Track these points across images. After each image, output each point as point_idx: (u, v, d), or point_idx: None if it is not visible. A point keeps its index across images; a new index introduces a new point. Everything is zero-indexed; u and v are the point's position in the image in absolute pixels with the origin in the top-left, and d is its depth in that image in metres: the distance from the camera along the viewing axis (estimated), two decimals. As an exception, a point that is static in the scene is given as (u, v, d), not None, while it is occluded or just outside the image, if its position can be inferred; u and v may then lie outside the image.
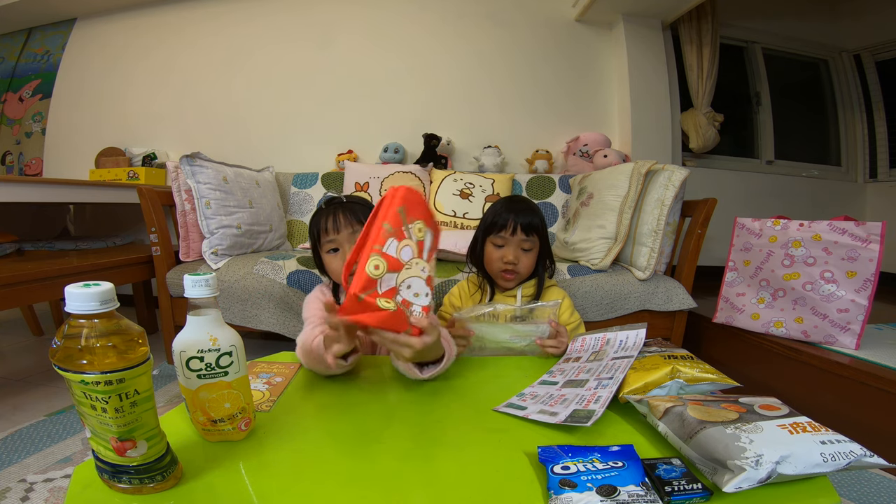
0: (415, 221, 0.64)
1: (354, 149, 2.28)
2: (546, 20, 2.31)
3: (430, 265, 0.66)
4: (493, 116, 2.32)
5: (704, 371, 0.60)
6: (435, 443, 0.54)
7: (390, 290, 0.61)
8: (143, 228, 2.24)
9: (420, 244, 0.65)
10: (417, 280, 0.63)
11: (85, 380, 0.36)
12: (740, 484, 0.40)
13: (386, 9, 2.32)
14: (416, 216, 0.65)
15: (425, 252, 0.66)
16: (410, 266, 0.63)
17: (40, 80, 2.62)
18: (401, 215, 0.63)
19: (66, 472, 0.94)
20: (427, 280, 0.64)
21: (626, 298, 1.43)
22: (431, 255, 0.67)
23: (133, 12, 2.49)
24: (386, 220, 0.62)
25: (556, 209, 1.91)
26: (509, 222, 0.97)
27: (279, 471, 0.47)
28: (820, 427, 0.45)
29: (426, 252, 0.66)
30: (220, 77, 2.40)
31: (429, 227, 0.66)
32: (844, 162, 2.84)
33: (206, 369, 0.47)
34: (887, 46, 2.67)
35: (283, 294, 1.39)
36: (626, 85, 2.24)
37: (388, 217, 0.62)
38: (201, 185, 1.47)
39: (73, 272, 1.38)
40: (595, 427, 0.52)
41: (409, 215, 0.64)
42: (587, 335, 0.81)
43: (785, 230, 1.32)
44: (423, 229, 0.65)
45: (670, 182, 1.41)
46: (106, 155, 2.35)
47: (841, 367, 1.15)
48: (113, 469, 0.40)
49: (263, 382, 0.68)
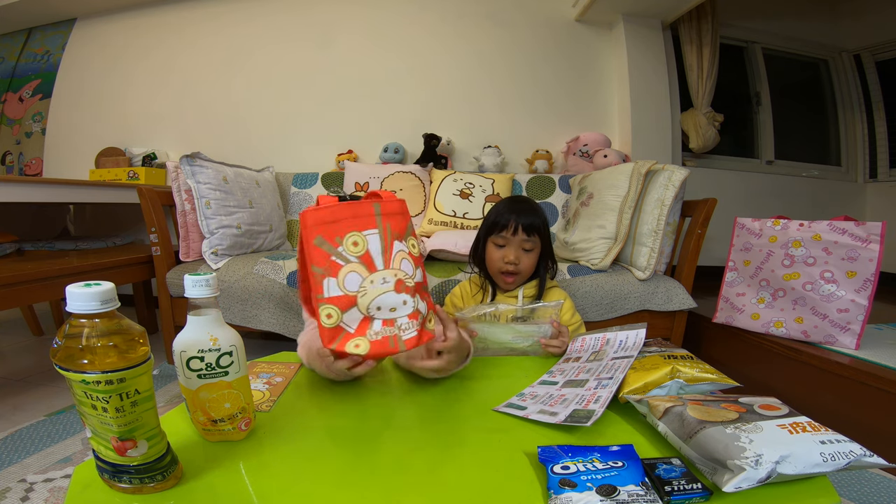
0: (345, 236, 0.56)
1: (354, 149, 2.28)
2: (546, 20, 2.31)
3: (393, 269, 0.58)
4: (493, 116, 2.32)
5: (704, 371, 0.60)
6: (435, 443, 0.54)
7: (363, 322, 0.56)
8: (143, 228, 2.24)
9: (365, 256, 0.57)
10: (385, 296, 0.57)
11: (86, 379, 0.36)
12: (740, 484, 0.40)
13: (386, 9, 2.32)
14: (342, 231, 0.56)
15: (378, 258, 0.57)
16: (365, 290, 0.56)
17: (40, 80, 2.62)
18: (322, 247, 0.56)
19: (66, 472, 0.94)
20: (396, 286, 0.57)
21: (626, 298, 1.43)
22: (389, 255, 0.58)
23: (133, 12, 2.49)
24: (312, 262, 0.56)
25: (556, 209, 1.91)
26: (511, 222, 0.97)
27: (279, 471, 0.47)
28: (820, 427, 0.45)
29: (379, 256, 0.57)
30: (220, 77, 2.40)
31: (367, 228, 0.57)
32: (844, 162, 2.84)
33: (206, 369, 0.47)
34: (887, 46, 2.67)
35: (283, 294, 1.39)
36: (626, 85, 2.24)
37: (312, 257, 0.56)
38: (201, 185, 1.47)
39: (73, 272, 1.38)
40: (595, 427, 0.52)
41: (331, 238, 0.56)
42: (587, 335, 0.81)
43: (785, 230, 1.32)
44: (360, 240, 0.57)
45: (670, 182, 1.41)
46: (106, 155, 2.35)
47: (841, 367, 1.15)
48: (113, 469, 0.40)
49: (263, 382, 0.68)
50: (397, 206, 0.61)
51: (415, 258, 0.61)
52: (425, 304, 0.61)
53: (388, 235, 0.58)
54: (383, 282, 0.57)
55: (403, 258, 0.59)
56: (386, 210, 0.59)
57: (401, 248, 0.59)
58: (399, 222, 0.60)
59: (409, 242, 0.61)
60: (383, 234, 0.58)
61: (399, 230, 0.60)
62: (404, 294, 0.57)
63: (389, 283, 0.57)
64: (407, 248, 0.60)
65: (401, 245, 0.60)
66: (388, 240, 0.58)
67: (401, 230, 0.60)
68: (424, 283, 0.63)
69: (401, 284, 0.57)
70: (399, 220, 0.60)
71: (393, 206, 0.61)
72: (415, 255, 0.61)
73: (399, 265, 0.58)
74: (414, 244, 0.62)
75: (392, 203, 0.61)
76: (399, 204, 0.62)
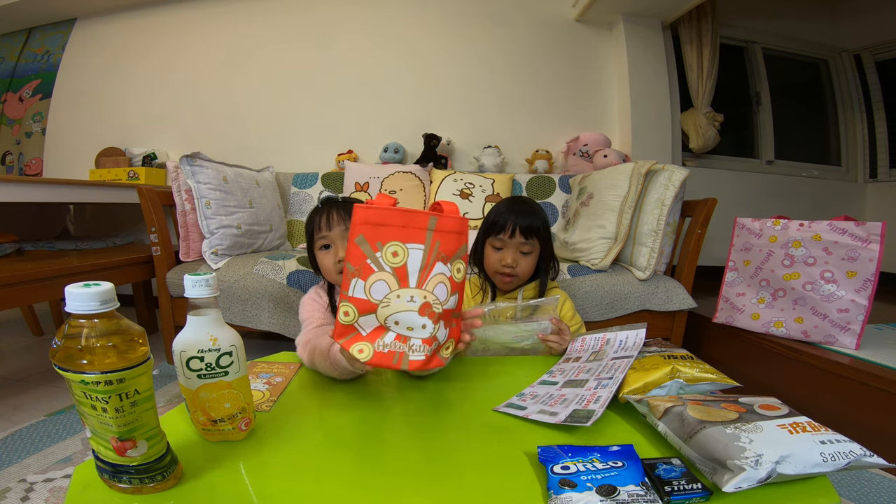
0: (387, 244, 0.54)
1: (354, 149, 2.28)
2: (546, 20, 2.31)
3: (424, 291, 0.55)
4: (493, 116, 2.32)
5: (704, 371, 0.60)
6: (435, 443, 0.54)
7: (376, 330, 0.56)
8: (143, 228, 2.24)
9: (401, 269, 0.55)
10: (407, 314, 0.55)
11: (85, 380, 0.36)
12: (740, 484, 0.40)
13: (386, 9, 2.32)
14: (386, 238, 0.54)
15: (414, 275, 0.55)
16: (389, 302, 0.54)
17: (40, 80, 2.62)
18: (361, 247, 0.54)
19: (66, 472, 0.94)
20: (421, 308, 0.55)
21: (626, 298, 1.43)
22: (427, 275, 0.56)
23: (133, 12, 2.49)
24: (348, 258, 0.55)
25: (556, 209, 1.91)
26: (508, 224, 0.96)
27: (279, 471, 0.47)
28: (820, 427, 0.45)
29: (415, 274, 0.55)
30: (220, 77, 2.40)
31: (413, 241, 0.55)
32: (844, 162, 2.84)
33: (206, 369, 0.47)
34: (887, 46, 2.67)
35: (283, 294, 1.39)
36: (626, 85, 2.24)
37: (350, 253, 0.55)
38: (201, 185, 1.47)
39: (73, 272, 1.38)
40: (595, 427, 0.52)
41: (373, 241, 0.54)
42: (587, 335, 0.81)
43: (785, 230, 1.32)
44: (401, 251, 0.55)
45: (670, 182, 1.41)
46: (106, 155, 2.35)
47: (841, 367, 1.15)
48: (113, 469, 0.40)
49: (263, 382, 0.68)
50: (456, 225, 0.58)
51: (454, 284, 0.58)
52: (447, 333, 0.59)
53: (432, 254, 0.56)
54: (410, 300, 0.55)
55: (441, 282, 0.56)
56: (441, 227, 0.56)
57: (441, 271, 0.57)
58: (451, 242, 0.57)
59: (454, 266, 0.58)
60: (428, 252, 0.56)
61: (448, 251, 0.57)
62: (426, 318, 0.55)
63: (415, 304, 0.55)
64: (449, 273, 0.57)
65: (443, 268, 0.57)
66: (432, 259, 0.56)
67: (450, 251, 0.57)
68: (458, 309, 0.61)
69: (427, 308, 0.55)
70: (452, 240, 0.57)
71: (452, 223, 0.57)
72: (456, 280, 0.58)
73: (433, 288, 0.56)
74: (460, 268, 0.59)
75: (452, 220, 0.57)
76: (459, 223, 0.58)
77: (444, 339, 0.59)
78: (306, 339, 0.75)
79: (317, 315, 0.84)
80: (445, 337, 0.59)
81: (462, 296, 0.61)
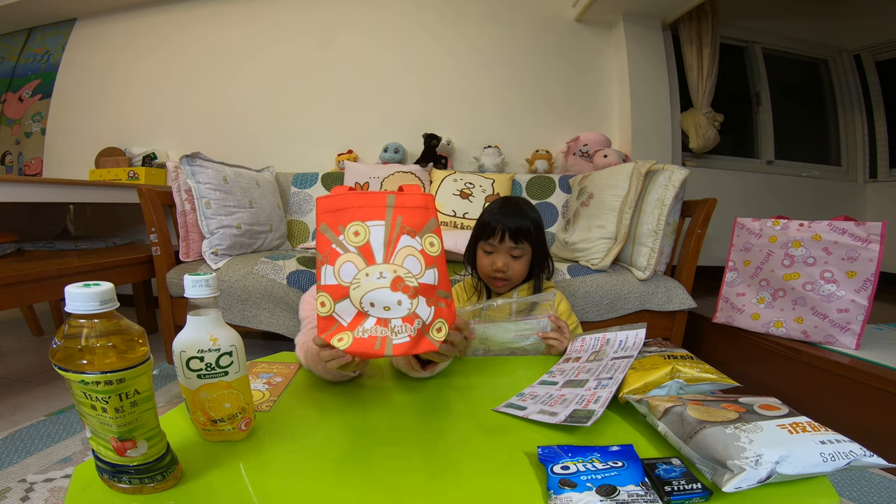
0: (348, 225, 0.54)
1: (354, 149, 2.28)
2: (546, 20, 2.31)
3: (393, 265, 0.54)
4: (493, 116, 2.32)
5: (704, 371, 0.60)
6: (435, 442, 0.54)
7: (356, 318, 0.54)
8: (143, 228, 2.24)
9: (364, 247, 0.54)
10: (379, 292, 0.53)
11: (85, 380, 0.36)
12: (740, 484, 0.40)
13: (386, 9, 2.32)
14: (346, 220, 0.55)
15: (379, 251, 0.54)
16: (359, 282, 0.53)
17: (40, 80, 2.62)
18: (325, 234, 0.54)
19: (66, 472, 0.94)
20: (393, 283, 0.53)
21: (626, 298, 1.43)
22: (392, 249, 0.54)
23: (133, 12, 2.49)
24: (318, 249, 0.55)
25: (556, 209, 1.91)
26: (497, 230, 0.94)
27: (279, 471, 0.47)
28: (820, 427, 0.45)
29: (380, 249, 0.54)
30: (221, 77, 2.40)
31: (373, 218, 0.55)
32: (844, 162, 2.84)
33: (206, 369, 0.47)
34: (887, 46, 2.67)
35: (283, 294, 1.39)
36: (626, 85, 2.24)
37: (318, 244, 0.55)
38: (201, 185, 1.47)
39: (73, 272, 1.38)
40: (595, 427, 0.52)
41: (335, 226, 0.54)
42: (587, 335, 0.81)
43: (785, 230, 1.32)
44: (361, 230, 0.54)
45: (670, 182, 1.41)
46: (106, 155, 2.35)
47: (841, 367, 1.15)
48: (113, 469, 0.40)
49: (263, 382, 0.68)
50: (418, 200, 0.57)
51: (428, 257, 0.56)
52: (431, 311, 0.56)
53: (395, 228, 0.55)
54: (379, 276, 0.53)
55: (410, 255, 0.55)
56: (402, 203, 0.56)
57: (409, 244, 0.55)
58: (416, 216, 0.56)
59: (425, 240, 0.56)
60: (390, 227, 0.55)
61: (414, 225, 0.56)
62: (401, 293, 0.54)
63: (386, 279, 0.53)
64: (420, 246, 0.56)
65: (411, 241, 0.55)
66: (395, 233, 0.55)
67: (416, 225, 0.56)
68: (440, 286, 0.58)
69: (399, 282, 0.54)
70: (417, 215, 0.56)
71: (413, 199, 0.56)
72: (430, 253, 0.56)
73: (402, 261, 0.54)
74: (433, 242, 0.57)
75: (412, 196, 0.56)
76: (422, 198, 0.57)
77: (430, 317, 0.56)
78: (303, 340, 0.75)
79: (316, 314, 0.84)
80: (431, 315, 0.56)
81: (444, 271, 0.58)
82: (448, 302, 0.59)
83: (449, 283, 0.59)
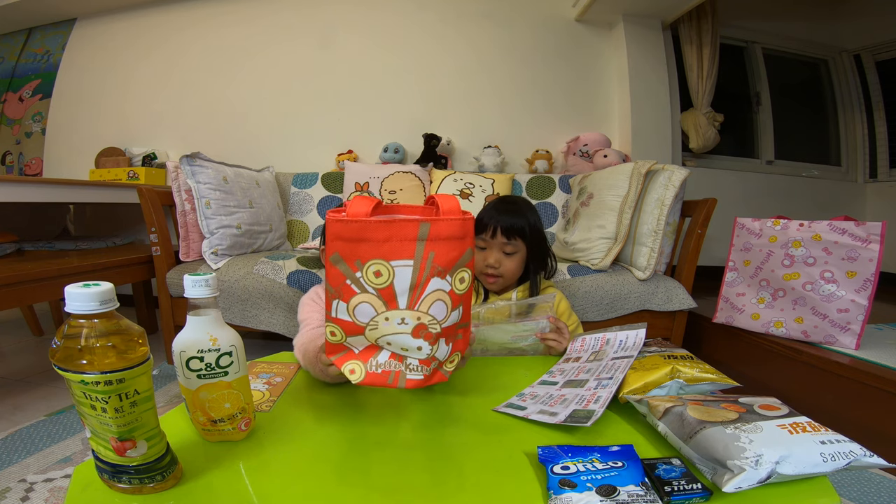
0: (367, 263, 0.46)
1: (354, 149, 2.28)
2: (546, 20, 2.31)
3: (417, 312, 0.48)
4: (493, 116, 2.32)
5: (704, 371, 0.60)
6: (435, 442, 0.54)
7: (368, 349, 0.52)
8: (143, 228, 2.23)
9: (386, 290, 0.47)
10: (398, 337, 0.49)
11: (85, 380, 0.36)
12: (740, 484, 0.40)
13: (386, 9, 2.32)
14: (365, 256, 0.46)
15: (403, 296, 0.47)
16: (377, 325, 0.48)
17: (40, 80, 2.62)
18: (337, 266, 0.46)
19: (66, 472, 0.94)
20: (415, 331, 0.48)
21: (626, 298, 1.43)
22: (419, 294, 0.48)
23: (133, 12, 2.49)
24: (327, 278, 0.48)
25: (556, 209, 1.91)
26: (490, 225, 0.94)
27: (279, 471, 0.47)
28: (820, 427, 0.45)
29: (405, 294, 0.47)
30: (221, 77, 2.40)
31: (399, 257, 0.46)
32: (844, 162, 2.84)
33: (206, 369, 0.47)
34: (887, 46, 2.67)
35: (283, 294, 1.39)
36: (626, 85, 2.24)
37: (328, 272, 0.48)
38: (201, 185, 1.47)
39: (73, 272, 1.38)
40: (595, 427, 0.52)
41: (351, 260, 0.46)
42: (587, 335, 0.81)
43: (785, 230, 1.32)
44: (384, 270, 0.46)
45: (670, 182, 1.41)
46: (106, 155, 2.35)
47: (841, 367, 1.15)
48: (113, 469, 0.40)
49: (263, 382, 0.68)
50: (456, 229, 0.47)
51: (456, 297, 0.50)
52: (449, 348, 0.53)
53: (425, 270, 0.47)
54: (400, 322, 0.48)
55: (437, 300, 0.48)
56: (437, 233, 0.46)
57: (438, 288, 0.48)
58: (451, 250, 0.47)
59: (455, 277, 0.49)
60: (419, 268, 0.46)
61: (446, 262, 0.47)
62: (422, 340, 0.49)
63: (408, 326, 0.48)
64: (449, 287, 0.49)
65: (440, 283, 0.48)
66: (424, 276, 0.47)
67: (448, 262, 0.48)
68: (463, 320, 0.53)
69: (421, 329, 0.48)
70: (452, 248, 0.47)
71: (450, 227, 0.47)
72: (459, 292, 0.50)
73: (427, 308, 0.48)
74: (463, 278, 0.50)
75: (450, 224, 0.47)
76: (460, 226, 0.47)
77: (447, 355, 0.53)
78: (301, 342, 0.74)
79: (315, 316, 0.84)
80: (448, 353, 0.53)
81: (469, 304, 0.54)
82: (465, 330, 0.55)
83: (470, 314, 0.55)
